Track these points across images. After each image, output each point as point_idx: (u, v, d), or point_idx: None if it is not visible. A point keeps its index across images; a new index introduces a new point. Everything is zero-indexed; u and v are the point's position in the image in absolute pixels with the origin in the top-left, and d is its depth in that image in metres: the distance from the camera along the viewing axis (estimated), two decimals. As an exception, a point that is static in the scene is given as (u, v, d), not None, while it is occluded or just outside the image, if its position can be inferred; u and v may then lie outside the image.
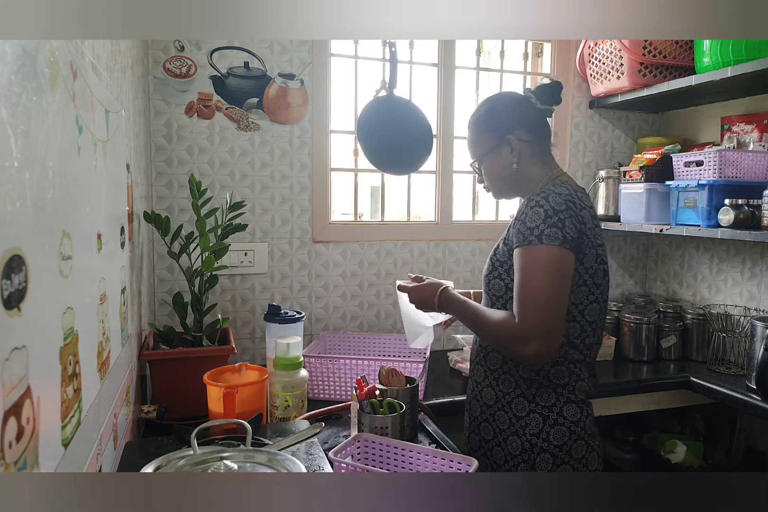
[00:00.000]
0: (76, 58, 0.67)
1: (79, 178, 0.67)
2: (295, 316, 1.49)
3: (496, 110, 1.19)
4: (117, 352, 0.95)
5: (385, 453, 1.01)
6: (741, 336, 1.76)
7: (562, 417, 1.09)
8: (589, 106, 2.16)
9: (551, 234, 1.02)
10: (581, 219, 1.05)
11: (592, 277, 1.09)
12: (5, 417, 0.43)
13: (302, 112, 1.82)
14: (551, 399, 1.09)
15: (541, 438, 1.09)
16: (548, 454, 1.08)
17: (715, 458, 1.91)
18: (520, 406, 1.11)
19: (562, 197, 1.06)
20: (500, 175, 1.19)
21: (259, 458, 0.73)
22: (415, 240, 2.00)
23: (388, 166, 1.76)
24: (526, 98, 1.18)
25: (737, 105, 1.93)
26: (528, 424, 1.10)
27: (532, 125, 1.17)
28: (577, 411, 1.10)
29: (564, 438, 1.08)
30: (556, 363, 1.10)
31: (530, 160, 1.17)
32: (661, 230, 1.82)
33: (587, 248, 1.07)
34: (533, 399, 1.10)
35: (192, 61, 1.71)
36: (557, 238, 1.02)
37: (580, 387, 1.11)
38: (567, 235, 1.02)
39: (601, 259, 1.10)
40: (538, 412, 1.09)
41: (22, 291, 0.46)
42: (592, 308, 1.10)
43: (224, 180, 1.77)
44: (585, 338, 1.11)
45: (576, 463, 1.09)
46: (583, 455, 1.10)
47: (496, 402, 1.14)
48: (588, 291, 1.09)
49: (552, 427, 1.09)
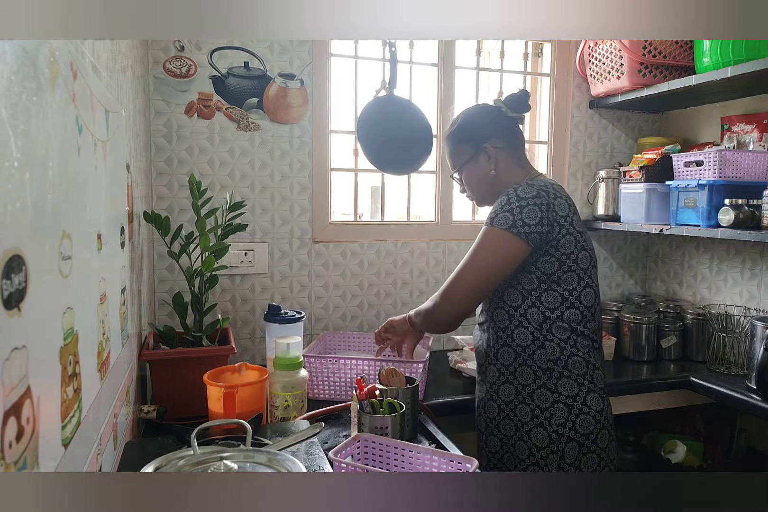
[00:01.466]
0: (76, 58, 0.67)
1: (79, 178, 0.67)
2: (295, 316, 1.49)
3: (470, 121, 1.26)
4: (117, 352, 0.95)
5: (385, 453, 1.01)
6: (741, 336, 1.76)
7: (587, 407, 1.12)
8: (589, 106, 2.16)
9: (501, 218, 1.10)
10: (552, 206, 1.10)
11: (576, 263, 1.12)
12: (5, 417, 0.43)
13: (302, 112, 1.82)
14: (574, 389, 1.12)
15: (568, 427, 1.11)
16: (575, 443, 1.11)
17: (715, 458, 1.91)
18: (543, 397, 1.13)
19: (534, 187, 1.12)
20: (480, 182, 1.26)
21: (259, 458, 0.73)
22: (415, 240, 2.00)
23: (388, 166, 1.76)
24: (497, 108, 1.25)
25: (737, 105, 1.93)
26: (553, 415, 1.12)
27: (506, 132, 1.24)
28: (599, 400, 1.14)
29: (590, 427, 1.11)
30: (572, 354, 1.13)
31: (507, 165, 1.24)
32: (661, 230, 1.82)
33: (562, 235, 1.10)
34: (556, 390, 1.12)
35: (192, 61, 1.71)
36: (506, 222, 1.09)
37: (597, 376, 1.15)
38: (519, 221, 1.08)
39: (581, 245, 1.13)
40: (563, 402, 1.12)
41: (22, 291, 0.46)
42: (586, 293, 1.14)
43: (224, 180, 1.77)
44: (587, 323, 1.14)
45: (601, 452, 1.13)
46: (607, 444, 1.14)
47: (516, 395, 1.16)
48: (577, 277, 1.12)
49: (578, 416, 1.11)
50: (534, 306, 1.13)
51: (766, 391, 1.52)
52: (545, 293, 1.12)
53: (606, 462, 1.14)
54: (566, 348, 1.13)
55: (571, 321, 1.12)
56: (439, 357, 1.88)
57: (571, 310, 1.12)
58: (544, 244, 1.11)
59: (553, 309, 1.12)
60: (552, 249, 1.10)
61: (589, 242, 1.17)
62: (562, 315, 1.12)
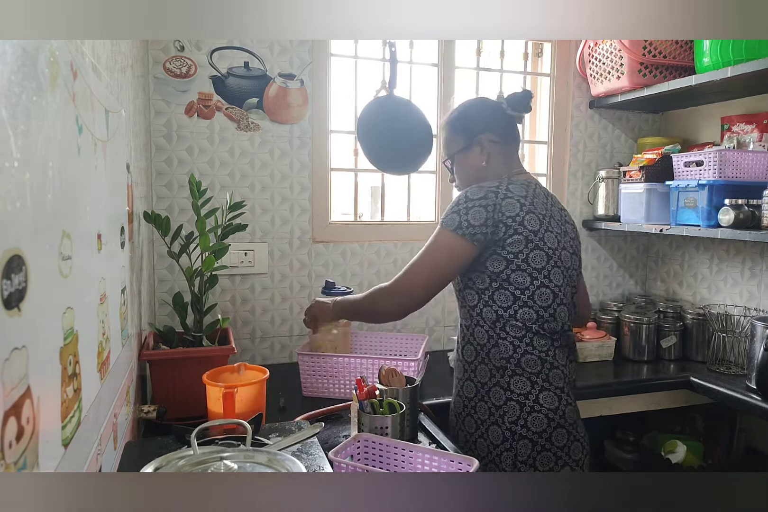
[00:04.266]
0: (76, 58, 0.67)
1: (79, 178, 0.67)
2: (347, 291, 1.69)
3: (469, 113, 1.28)
4: (117, 352, 0.94)
5: (385, 453, 1.01)
6: (741, 336, 1.76)
7: (539, 405, 1.12)
8: (589, 106, 2.16)
9: (449, 219, 1.14)
10: (499, 207, 1.12)
11: (526, 262, 1.13)
12: (5, 417, 0.43)
13: (302, 112, 1.82)
14: (526, 386, 1.13)
15: (519, 425, 1.12)
16: (527, 440, 1.11)
17: (715, 458, 1.91)
18: (497, 395, 1.14)
19: (483, 188, 1.15)
20: (470, 173, 1.27)
21: (259, 458, 0.73)
22: (415, 240, 2.00)
23: (388, 166, 1.76)
24: (498, 104, 1.27)
25: (737, 105, 1.93)
26: (506, 413, 1.13)
27: (502, 129, 1.26)
28: (555, 399, 1.13)
29: (543, 425, 1.12)
30: (525, 352, 1.13)
31: (497, 160, 1.25)
32: (661, 230, 1.82)
33: (508, 235, 1.11)
34: (508, 388, 1.13)
35: (192, 61, 1.71)
36: (452, 223, 1.13)
37: (554, 375, 1.14)
38: (464, 222, 1.11)
39: (534, 245, 1.13)
40: (515, 400, 1.13)
41: (22, 291, 0.46)
42: (541, 293, 1.14)
43: (224, 180, 1.77)
44: (543, 324, 1.14)
45: (558, 451, 1.12)
46: (565, 443, 1.13)
47: (476, 394, 1.18)
48: (530, 277, 1.13)
49: (529, 414, 1.12)
50: (488, 306, 1.15)
51: (766, 391, 1.52)
52: (497, 292, 1.14)
53: (565, 461, 1.12)
54: (520, 346, 1.13)
55: (525, 320, 1.13)
56: (439, 357, 1.88)
57: (524, 309, 1.13)
58: (491, 244, 1.13)
59: (506, 309, 1.14)
60: (499, 248, 1.12)
61: (550, 242, 1.14)
62: (515, 314, 1.13)
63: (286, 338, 1.89)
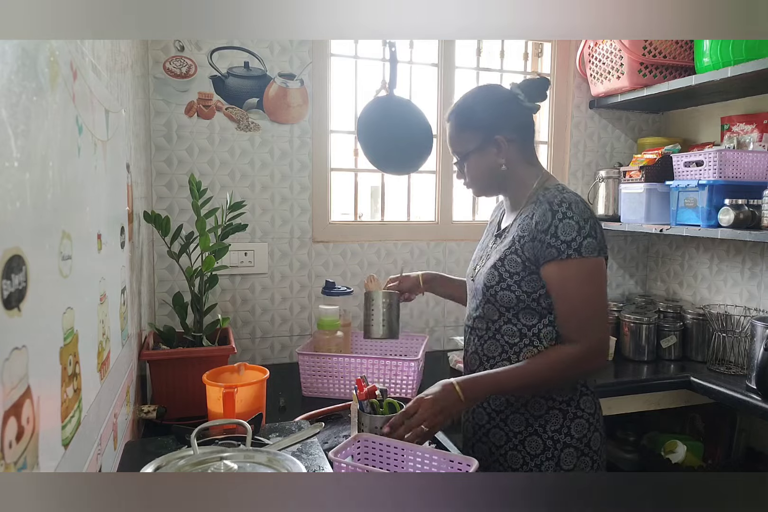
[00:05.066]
0: (76, 58, 0.67)
1: (79, 178, 0.67)
2: (347, 291, 1.71)
3: (483, 107, 1.14)
4: (117, 352, 0.94)
5: (385, 453, 1.01)
6: (741, 336, 1.76)
7: (581, 410, 1.10)
8: (589, 106, 2.16)
9: (589, 245, 1.01)
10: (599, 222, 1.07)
11: None
12: (5, 417, 0.43)
13: (302, 112, 1.82)
14: (567, 393, 1.10)
15: (563, 433, 1.09)
16: (572, 448, 1.09)
17: (715, 458, 1.91)
18: (537, 405, 1.11)
19: (581, 204, 1.05)
20: (486, 175, 1.15)
21: (259, 458, 0.73)
22: (415, 240, 2.00)
23: (389, 166, 1.76)
24: (514, 95, 1.13)
25: (737, 105, 1.93)
26: (548, 421, 1.10)
27: (520, 125, 1.14)
28: (592, 403, 1.13)
29: (584, 430, 1.10)
30: None
31: (517, 160, 1.14)
32: (661, 230, 1.82)
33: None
34: (550, 396, 1.10)
35: (192, 61, 1.71)
36: (594, 248, 1.02)
37: (590, 379, 1.14)
38: (600, 243, 1.04)
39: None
40: (557, 408, 1.10)
41: (22, 291, 0.46)
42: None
43: (224, 180, 1.77)
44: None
45: (594, 455, 1.11)
46: (599, 447, 1.12)
47: (508, 406, 1.13)
48: None
49: (572, 421, 1.10)
50: (550, 325, 1.09)
51: (766, 391, 1.52)
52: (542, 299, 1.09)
53: (598, 464, 1.12)
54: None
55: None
56: (439, 357, 1.88)
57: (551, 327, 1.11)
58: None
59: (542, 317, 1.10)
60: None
61: None
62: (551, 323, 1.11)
63: (286, 338, 1.89)
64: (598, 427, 1.12)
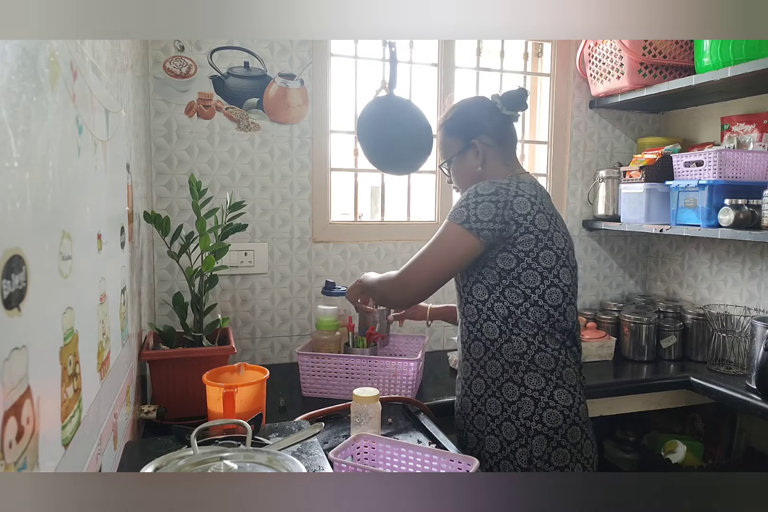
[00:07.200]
0: (76, 58, 0.67)
1: (79, 178, 0.67)
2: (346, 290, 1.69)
3: (463, 115, 1.27)
4: (117, 352, 0.94)
5: (385, 453, 1.01)
6: (741, 336, 1.76)
7: (554, 401, 1.12)
8: (589, 106, 2.16)
9: (457, 213, 1.13)
10: (510, 204, 1.11)
11: (537, 261, 1.13)
12: (5, 417, 0.43)
13: (302, 112, 1.82)
14: (540, 383, 1.12)
15: (534, 420, 1.11)
16: (542, 436, 1.10)
17: (715, 458, 1.91)
18: (511, 391, 1.13)
19: (494, 184, 1.14)
20: (466, 177, 1.26)
21: (259, 458, 0.73)
22: (415, 240, 2.00)
23: (388, 166, 1.76)
24: (493, 104, 1.25)
25: (737, 105, 1.93)
26: (520, 408, 1.12)
27: (497, 130, 1.25)
28: (569, 396, 1.13)
29: (558, 421, 1.11)
30: (539, 349, 1.13)
31: (494, 162, 1.24)
32: (661, 230, 1.82)
33: (519, 233, 1.11)
34: (522, 383, 1.13)
35: (192, 61, 1.71)
36: (460, 217, 1.12)
37: (567, 373, 1.14)
38: (472, 217, 1.11)
39: (544, 245, 1.13)
40: (529, 395, 1.12)
41: (22, 291, 0.46)
42: (551, 292, 1.14)
43: (224, 180, 1.77)
44: (555, 323, 1.15)
45: (572, 448, 1.12)
46: (578, 441, 1.13)
47: (486, 389, 1.17)
48: (540, 276, 1.13)
49: (544, 410, 1.11)
50: (499, 301, 1.14)
51: (766, 391, 1.52)
52: (507, 289, 1.13)
53: (578, 458, 1.12)
54: (533, 343, 1.13)
55: (536, 319, 1.13)
56: (439, 357, 1.88)
57: (535, 308, 1.13)
58: (500, 241, 1.12)
59: (517, 306, 1.13)
60: (509, 246, 1.12)
61: (558, 242, 1.15)
62: (527, 312, 1.13)
63: (286, 338, 1.89)
64: (577, 422, 1.13)
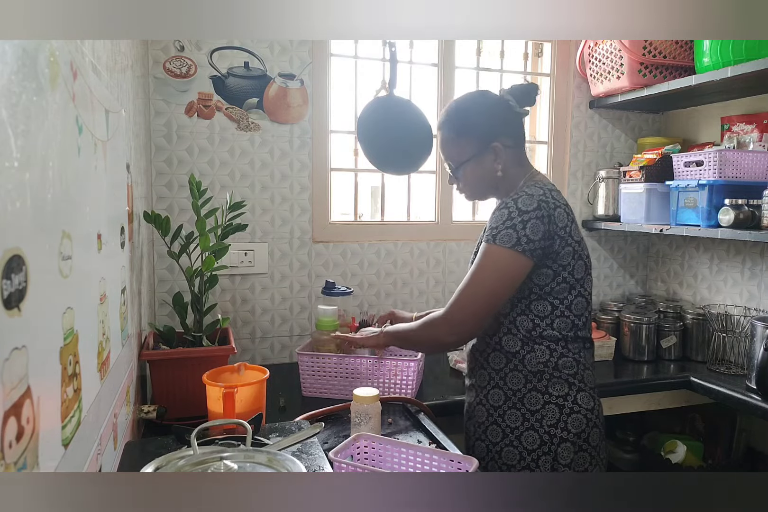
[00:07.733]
0: (76, 58, 0.67)
1: (79, 178, 0.67)
2: (347, 291, 1.70)
3: (478, 115, 1.15)
4: (117, 352, 0.94)
5: (385, 453, 1.01)
6: (741, 336, 1.76)
7: (578, 405, 1.11)
8: (589, 106, 2.16)
9: (505, 235, 1.05)
10: (552, 219, 1.06)
11: (571, 274, 1.11)
12: (5, 417, 0.43)
13: (302, 112, 1.82)
14: (564, 388, 1.11)
15: (560, 427, 1.10)
16: (569, 443, 1.09)
17: (715, 458, 1.91)
18: (534, 400, 1.11)
19: (534, 198, 1.07)
20: (482, 181, 1.18)
21: (259, 458, 0.73)
22: (415, 240, 2.00)
23: (388, 166, 1.76)
24: (505, 101, 1.15)
25: (737, 105, 1.93)
26: (544, 416, 1.10)
27: (515, 130, 1.17)
28: (590, 399, 1.13)
29: (582, 426, 1.10)
30: (562, 355, 1.12)
31: (513, 165, 1.17)
32: (661, 230, 1.82)
33: (560, 247, 1.08)
34: (546, 391, 1.11)
35: (192, 61, 1.71)
36: (510, 240, 1.04)
37: (587, 375, 1.14)
38: (523, 238, 1.04)
39: (578, 255, 1.11)
40: (554, 402, 1.11)
41: (22, 291, 0.46)
42: (577, 302, 1.12)
43: (224, 180, 1.77)
44: (577, 331, 1.13)
45: (593, 450, 1.12)
46: (598, 443, 1.13)
47: (506, 402, 1.14)
48: (569, 287, 1.11)
49: (569, 416, 1.10)
50: (523, 314, 1.11)
51: (766, 391, 1.52)
52: (535, 302, 1.11)
53: (597, 461, 1.12)
54: (556, 349, 1.11)
55: (561, 329, 1.11)
56: (439, 357, 1.88)
57: (561, 319, 1.11)
58: (545, 258, 1.08)
59: (543, 318, 1.11)
60: (550, 261, 1.08)
61: (586, 249, 1.14)
62: (552, 323, 1.11)
63: (286, 338, 1.89)
64: (597, 423, 1.13)
